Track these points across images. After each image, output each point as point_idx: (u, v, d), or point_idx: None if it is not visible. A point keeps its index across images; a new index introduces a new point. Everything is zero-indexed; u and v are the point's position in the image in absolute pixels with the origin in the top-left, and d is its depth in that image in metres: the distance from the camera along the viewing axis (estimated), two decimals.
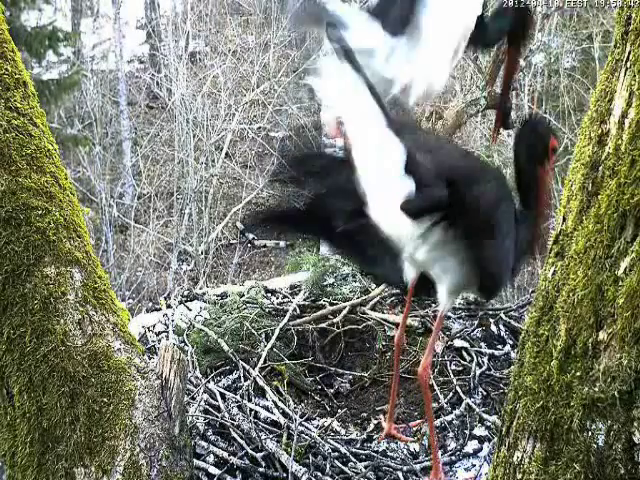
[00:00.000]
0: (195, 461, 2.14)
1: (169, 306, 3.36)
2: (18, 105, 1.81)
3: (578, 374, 1.15)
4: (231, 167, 11.94)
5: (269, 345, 2.81)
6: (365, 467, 2.22)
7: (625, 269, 1.09)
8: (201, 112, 10.92)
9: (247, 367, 2.70)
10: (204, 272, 10.40)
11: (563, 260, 1.26)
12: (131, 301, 9.72)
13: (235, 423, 2.37)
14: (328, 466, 2.20)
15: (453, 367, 2.79)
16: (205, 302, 3.34)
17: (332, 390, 2.89)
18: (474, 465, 2.27)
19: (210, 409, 2.46)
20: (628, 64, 1.16)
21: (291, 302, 3.21)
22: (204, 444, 2.31)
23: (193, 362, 2.75)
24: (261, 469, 2.21)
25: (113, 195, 11.21)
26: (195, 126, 11.01)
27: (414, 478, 2.20)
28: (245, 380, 2.64)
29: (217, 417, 2.41)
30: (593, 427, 1.12)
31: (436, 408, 2.53)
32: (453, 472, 2.26)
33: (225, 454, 2.27)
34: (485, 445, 2.34)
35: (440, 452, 2.28)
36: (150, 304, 3.70)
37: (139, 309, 7.12)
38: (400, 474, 2.19)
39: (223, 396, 2.52)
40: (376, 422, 2.60)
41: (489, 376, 2.71)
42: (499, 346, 2.94)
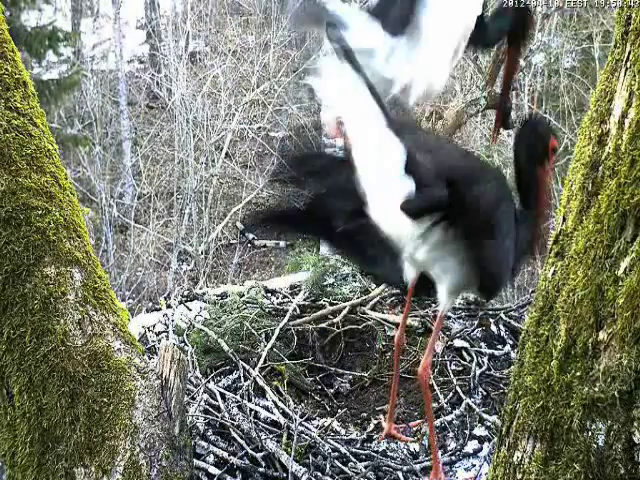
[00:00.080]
0: (195, 461, 2.14)
1: (169, 306, 3.36)
2: (18, 105, 1.81)
3: (578, 374, 1.15)
4: (231, 167, 11.94)
5: (269, 345, 2.81)
6: (365, 467, 2.22)
7: (625, 269, 1.09)
8: (201, 112, 10.92)
9: (247, 367, 2.70)
10: (204, 272, 10.40)
11: (563, 260, 1.26)
12: (131, 301, 9.72)
13: (235, 423, 2.37)
14: (328, 466, 2.20)
15: (453, 367, 2.79)
16: (205, 302, 3.34)
17: (332, 390, 2.89)
18: (474, 465, 2.27)
19: (210, 409, 2.46)
20: (628, 64, 1.16)
21: (291, 302, 3.21)
22: (204, 444, 2.31)
23: (193, 362, 2.75)
24: (261, 469, 2.21)
25: (113, 195, 11.21)
26: (195, 126, 11.01)
27: (414, 478, 2.20)
28: (245, 380, 2.64)
29: (217, 417, 2.41)
30: (593, 427, 1.12)
31: (436, 408, 2.53)
32: (453, 472, 2.26)
33: (225, 454, 2.26)
34: (485, 445, 2.34)
35: (440, 452, 2.28)
36: (150, 304, 3.70)
37: (139, 309, 7.12)
38: (400, 474, 2.19)
39: (223, 396, 2.52)
40: (376, 422, 2.60)
41: (489, 376, 2.71)
42: (499, 346, 2.94)
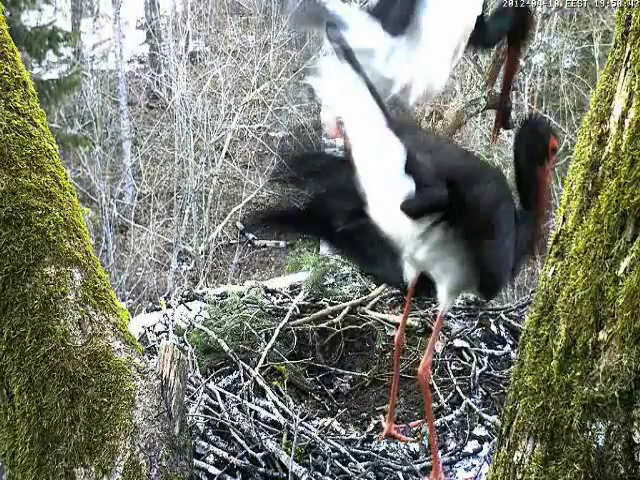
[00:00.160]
0: (195, 461, 2.14)
1: (169, 306, 3.36)
2: (18, 105, 1.81)
3: (578, 374, 1.15)
4: (231, 167, 11.94)
5: (269, 345, 2.81)
6: (365, 467, 2.22)
7: (625, 269, 1.09)
8: (201, 112, 10.92)
9: (247, 367, 2.70)
10: (204, 272, 10.40)
11: (563, 260, 1.26)
12: (131, 301, 9.72)
13: (235, 423, 2.37)
14: (328, 466, 2.20)
15: (453, 367, 2.79)
16: (205, 302, 3.34)
17: (332, 390, 2.89)
18: (474, 465, 2.27)
19: (210, 409, 2.46)
20: (628, 64, 1.16)
21: (291, 302, 3.21)
22: (204, 444, 2.31)
23: (193, 362, 2.75)
24: (261, 469, 2.21)
25: (113, 195, 11.21)
26: (195, 126, 11.01)
27: (414, 478, 2.20)
28: (245, 380, 2.64)
29: (217, 417, 2.41)
30: (593, 427, 1.12)
31: (436, 408, 2.53)
32: (453, 472, 2.26)
33: (225, 454, 2.26)
34: (485, 445, 2.34)
35: (440, 452, 2.28)
36: (150, 304, 3.69)
37: (139, 309, 7.12)
38: (400, 474, 2.19)
39: (223, 396, 2.52)
40: (376, 422, 2.60)
41: (489, 376, 2.71)
42: (499, 346, 2.94)
